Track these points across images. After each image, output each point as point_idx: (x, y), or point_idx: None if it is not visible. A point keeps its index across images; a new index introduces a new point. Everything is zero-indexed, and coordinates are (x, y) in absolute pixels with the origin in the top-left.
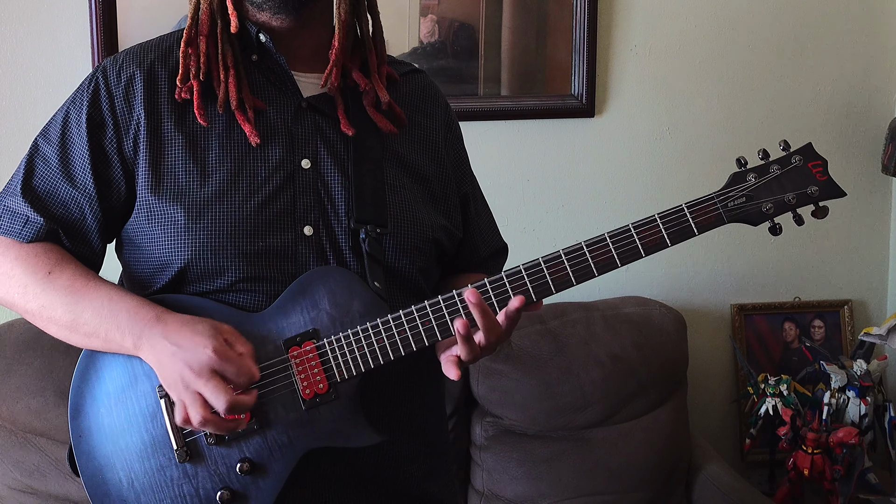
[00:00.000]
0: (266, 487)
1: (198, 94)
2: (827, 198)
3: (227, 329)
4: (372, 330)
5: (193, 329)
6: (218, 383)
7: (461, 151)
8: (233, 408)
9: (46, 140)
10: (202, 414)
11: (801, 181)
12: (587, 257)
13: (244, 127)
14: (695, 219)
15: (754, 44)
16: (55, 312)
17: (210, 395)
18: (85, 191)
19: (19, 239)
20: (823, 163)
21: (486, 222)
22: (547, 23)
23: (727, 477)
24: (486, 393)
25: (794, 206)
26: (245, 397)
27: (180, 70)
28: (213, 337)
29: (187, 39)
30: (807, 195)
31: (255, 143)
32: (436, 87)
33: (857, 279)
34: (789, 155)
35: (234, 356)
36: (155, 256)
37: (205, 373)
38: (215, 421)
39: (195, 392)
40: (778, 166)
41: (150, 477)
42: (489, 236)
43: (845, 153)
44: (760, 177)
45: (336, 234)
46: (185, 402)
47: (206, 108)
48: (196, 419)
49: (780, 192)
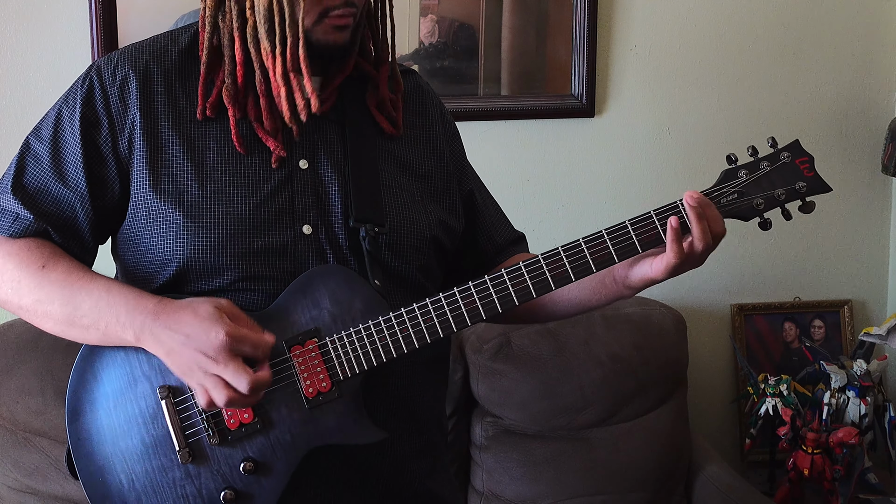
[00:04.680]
0: (270, 487)
1: (234, 122)
2: (814, 193)
3: (225, 305)
4: (374, 327)
5: (196, 314)
6: (238, 364)
7: (459, 148)
8: (255, 386)
9: (38, 138)
10: (227, 395)
11: (789, 177)
12: (585, 253)
13: (263, 138)
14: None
15: (754, 44)
16: (51, 306)
17: (232, 377)
18: (76, 189)
19: (7, 234)
20: (810, 159)
21: (494, 215)
22: (547, 23)
23: (727, 477)
24: (486, 393)
25: (784, 201)
26: (263, 373)
27: (200, 86)
28: (220, 319)
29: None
30: (795, 190)
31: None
32: (429, 88)
33: (857, 279)
34: (777, 152)
35: (246, 333)
36: (153, 255)
37: (222, 356)
38: (239, 399)
39: (215, 376)
40: (767, 163)
41: (151, 478)
42: (501, 226)
43: (845, 153)
44: (751, 173)
45: (335, 233)
46: (206, 387)
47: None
48: (221, 401)
49: (770, 187)
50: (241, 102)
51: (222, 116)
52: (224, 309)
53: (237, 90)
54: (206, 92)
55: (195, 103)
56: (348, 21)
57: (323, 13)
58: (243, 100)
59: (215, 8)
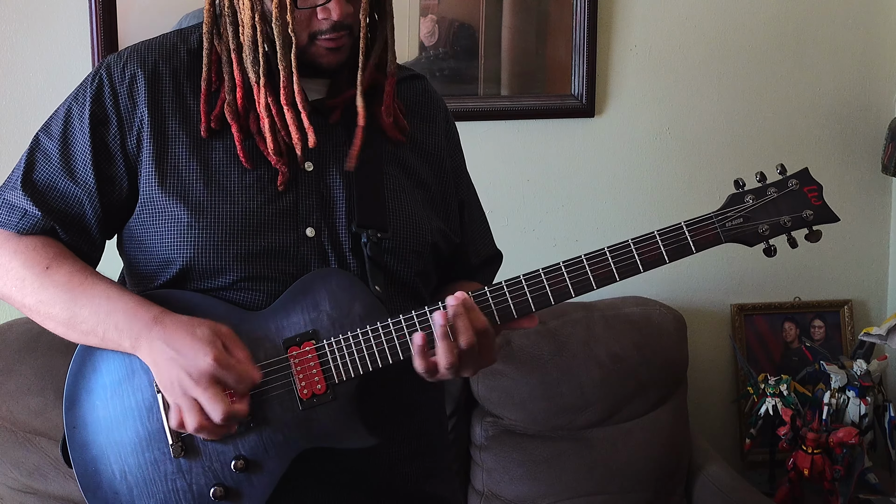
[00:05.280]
0: (260, 485)
1: (238, 139)
2: (821, 222)
3: (225, 332)
4: (372, 333)
5: (192, 334)
6: (216, 392)
7: (460, 158)
8: (228, 417)
9: (48, 135)
10: (198, 420)
11: (796, 205)
12: (586, 270)
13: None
14: (693, 237)
15: (754, 44)
16: (53, 309)
17: (207, 403)
18: (85, 186)
19: (16, 230)
20: (819, 188)
21: (478, 230)
22: (547, 23)
23: (727, 477)
24: (486, 393)
25: (790, 228)
26: (240, 406)
27: (202, 104)
28: (213, 344)
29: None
30: (802, 219)
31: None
32: (436, 94)
33: (857, 279)
34: (786, 179)
35: (233, 363)
36: (158, 253)
37: (203, 381)
38: (210, 428)
39: (192, 399)
40: (775, 189)
41: (143, 470)
42: (481, 245)
43: (845, 153)
44: (758, 199)
45: (338, 237)
46: (181, 408)
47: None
48: (192, 425)
49: (777, 214)
50: (244, 121)
51: (228, 127)
52: (221, 335)
53: (237, 109)
54: (209, 109)
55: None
56: (340, 43)
57: (312, 36)
58: (244, 120)
59: (212, 24)
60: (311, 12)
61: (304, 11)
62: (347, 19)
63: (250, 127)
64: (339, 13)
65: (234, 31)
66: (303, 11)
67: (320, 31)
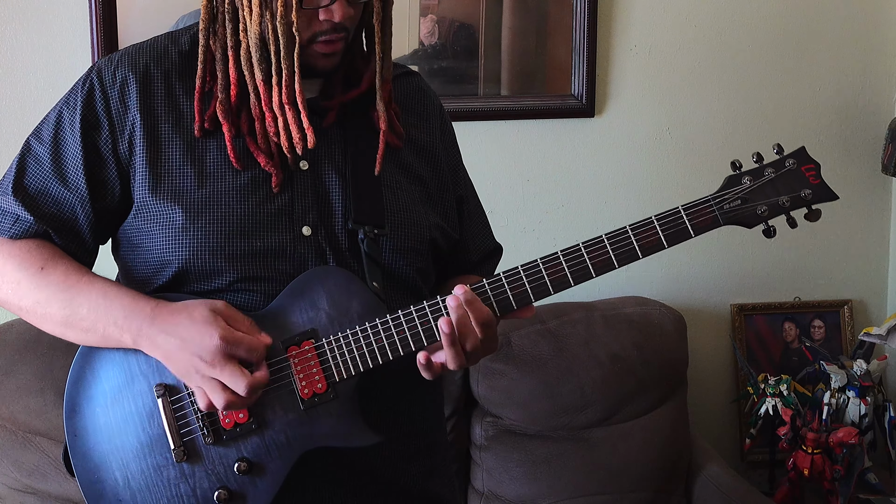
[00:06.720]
0: (264, 487)
1: (229, 138)
2: (819, 201)
3: (221, 307)
4: (371, 330)
5: (191, 318)
6: (233, 368)
7: (456, 153)
8: (252, 388)
9: (39, 140)
10: (225, 398)
11: (794, 184)
12: (585, 258)
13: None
14: (691, 221)
15: (754, 44)
16: (50, 308)
17: (228, 380)
18: (77, 191)
19: (8, 235)
20: (816, 166)
21: (477, 225)
22: (547, 23)
23: (727, 477)
24: (486, 393)
25: (788, 208)
26: (259, 374)
27: (196, 102)
28: (215, 322)
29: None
30: (800, 198)
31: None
32: (430, 90)
33: (857, 279)
34: (783, 158)
35: (240, 336)
36: (153, 256)
37: (217, 360)
38: (238, 402)
39: (213, 379)
40: (772, 169)
41: (146, 476)
42: (480, 240)
43: (845, 153)
44: (755, 180)
45: (335, 235)
46: (205, 390)
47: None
48: (220, 404)
49: (775, 194)
50: (235, 120)
51: (221, 127)
52: (220, 311)
53: (230, 107)
54: (203, 107)
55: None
56: (336, 47)
57: (312, 38)
58: (236, 118)
59: (209, 21)
60: (313, 13)
61: (306, 11)
62: (348, 22)
63: (242, 127)
64: (340, 15)
65: (232, 29)
66: (305, 11)
67: (320, 31)
